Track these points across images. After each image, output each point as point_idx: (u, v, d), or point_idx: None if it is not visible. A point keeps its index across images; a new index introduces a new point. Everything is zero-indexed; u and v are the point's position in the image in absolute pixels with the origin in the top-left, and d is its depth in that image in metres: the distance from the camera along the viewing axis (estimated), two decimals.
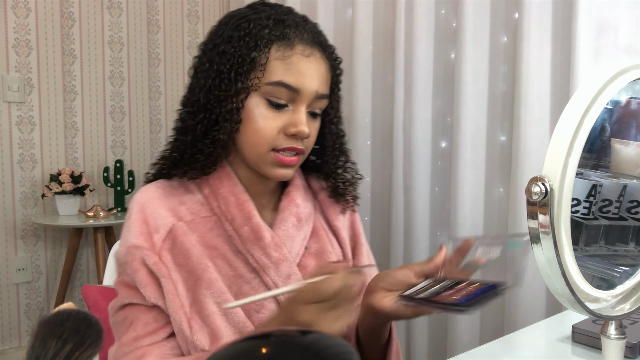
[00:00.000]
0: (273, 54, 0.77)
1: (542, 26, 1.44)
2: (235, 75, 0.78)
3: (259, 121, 0.78)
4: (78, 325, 0.35)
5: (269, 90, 0.77)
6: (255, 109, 0.78)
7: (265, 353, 0.29)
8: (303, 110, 0.79)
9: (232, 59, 0.78)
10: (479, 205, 1.64)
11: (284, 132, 0.78)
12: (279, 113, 0.78)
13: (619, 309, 0.56)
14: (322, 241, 0.87)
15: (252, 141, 0.79)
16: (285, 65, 0.77)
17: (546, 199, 0.46)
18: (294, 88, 0.77)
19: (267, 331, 0.32)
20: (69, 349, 0.33)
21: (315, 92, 0.79)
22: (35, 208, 2.49)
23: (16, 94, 2.40)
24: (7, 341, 2.44)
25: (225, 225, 0.81)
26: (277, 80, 0.77)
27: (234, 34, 0.79)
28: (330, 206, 0.92)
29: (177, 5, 2.82)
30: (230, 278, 0.79)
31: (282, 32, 0.78)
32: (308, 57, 0.79)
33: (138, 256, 0.76)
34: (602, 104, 0.48)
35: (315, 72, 0.79)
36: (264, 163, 0.80)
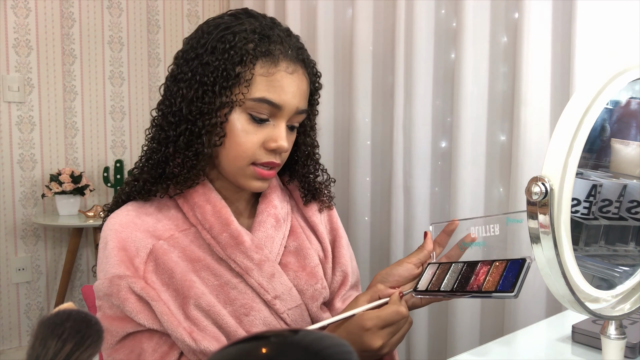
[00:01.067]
0: (258, 69, 0.78)
1: (542, 26, 1.44)
2: (220, 89, 0.78)
3: (240, 135, 0.79)
4: (78, 325, 0.35)
5: (252, 105, 0.78)
6: (237, 123, 0.79)
7: (265, 353, 0.29)
8: (283, 125, 0.81)
9: (216, 72, 0.78)
10: (479, 205, 1.64)
11: (264, 146, 0.80)
12: (260, 127, 0.80)
13: (619, 309, 0.56)
14: (300, 239, 0.89)
15: (233, 155, 0.80)
16: (269, 82, 0.78)
17: (546, 199, 0.46)
18: (277, 104, 0.79)
19: (267, 331, 0.32)
20: (69, 349, 0.33)
21: (295, 108, 0.81)
22: (35, 208, 2.49)
23: (16, 94, 2.40)
24: (7, 341, 2.44)
25: (203, 234, 0.81)
26: (261, 97, 0.78)
27: (218, 46, 0.79)
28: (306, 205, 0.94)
29: (177, 5, 2.82)
30: (216, 287, 0.79)
31: (267, 49, 0.79)
32: (291, 75, 0.80)
33: (124, 285, 0.75)
34: (602, 104, 0.48)
35: (297, 88, 0.80)
36: (243, 176, 0.81)
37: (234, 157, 0.80)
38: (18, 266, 2.45)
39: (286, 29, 0.85)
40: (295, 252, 0.87)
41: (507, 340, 0.83)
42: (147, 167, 0.83)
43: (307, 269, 0.86)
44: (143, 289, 0.75)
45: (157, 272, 0.78)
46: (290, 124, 0.83)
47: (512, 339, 0.83)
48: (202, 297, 0.76)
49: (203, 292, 0.77)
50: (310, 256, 0.88)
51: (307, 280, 0.85)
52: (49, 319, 0.35)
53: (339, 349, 0.31)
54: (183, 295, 0.77)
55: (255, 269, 0.80)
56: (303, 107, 0.83)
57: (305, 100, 0.83)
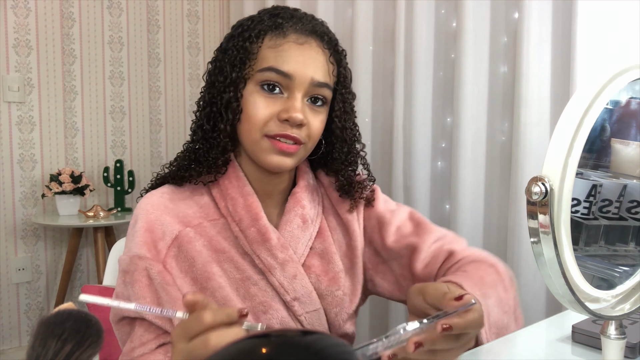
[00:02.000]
0: (266, 43, 0.79)
1: (542, 26, 1.44)
2: (231, 66, 0.80)
3: (251, 107, 0.79)
4: (78, 325, 0.35)
5: (261, 76, 0.78)
6: (249, 96, 0.79)
7: (265, 353, 0.29)
8: (298, 97, 0.78)
9: (230, 52, 0.81)
10: (479, 205, 1.64)
11: (278, 117, 0.78)
12: (273, 100, 0.79)
13: (619, 309, 0.56)
14: (327, 242, 0.87)
15: (247, 128, 0.80)
16: (277, 53, 0.78)
17: (546, 199, 0.46)
18: (285, 73, 0.77)
19: (267, 331, 0.32)
20: (69, 349, 0.33)
21: (310, 78, 0.79)
22: (35, 208, 2.49)
23: (16, 94, 2.40)
24: (7, 341, 2.44)
25: (232, 226, 0.81)
26: (268, 66, 0.78)
27: (235, 32, 0.83)
28: (340, 200, 0.91)
29: (177, 5, 2.82)
30: (237, 281, 0.79)
31: (275, 22, 0.80)
32: (302, 45, 0.79)
33: (141, 267, 0.76)
34: (602, 104, 0.48)
35: (309, 58, 0.79)
36: (260, 150, 0.80)
37: (247, 131, 0.80)
38: (18, 266, 2.45)
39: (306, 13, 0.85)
40: (321, 255, 0.86)
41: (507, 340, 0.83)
42: (182, 153, 0.85)
43: (330, 273, 0.85)
44: (159, 273, 0.75)
45: (177, 259, 0.78)
46: (312, 95, 0.81)
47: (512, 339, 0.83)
48: (218, 290, 0.77)
49: (220, 286, 0.77)
50: (335, 261, 0.86)
51: (327, 286, 0.84)
52: (49, 319, 0.35)
53: (339, 349, 0.31)
54: (200, 286, 0.77)
55: (278, 268, 0.80)
56: (320, 79, 0.80)
57: (323, 73, 0.81)
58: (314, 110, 0.81)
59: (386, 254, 0.91)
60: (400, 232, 0.90)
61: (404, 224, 0.91)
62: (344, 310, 0.86)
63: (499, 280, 0.82)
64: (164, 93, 2.81)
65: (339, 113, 0.86)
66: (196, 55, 2.90)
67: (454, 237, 0.91)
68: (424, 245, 0.87)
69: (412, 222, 0.92)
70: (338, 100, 0.86)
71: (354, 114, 0.90)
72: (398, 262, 0.90)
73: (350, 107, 0.88)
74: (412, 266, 0.87)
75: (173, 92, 2.84)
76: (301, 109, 0.78)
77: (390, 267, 0.91)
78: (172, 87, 2.83)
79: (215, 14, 2.94)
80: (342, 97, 0.86)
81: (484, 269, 0.82)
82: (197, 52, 2.90)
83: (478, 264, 0.83)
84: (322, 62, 0.81)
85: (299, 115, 0.77)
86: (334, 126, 0.86)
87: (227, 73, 0.80)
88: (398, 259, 0.90)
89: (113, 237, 2.44)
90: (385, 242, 0.89)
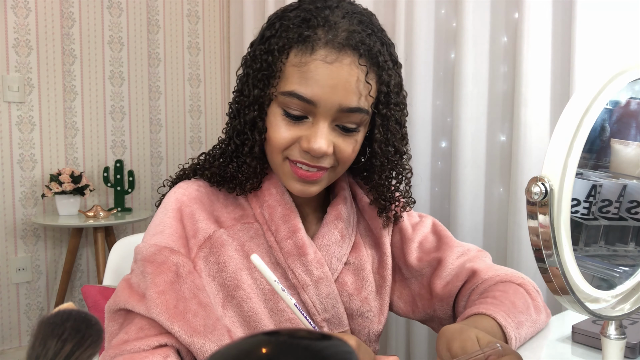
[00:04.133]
0: (291, 59, 0.69)
1: (542, 26, 1.44)
2: (254, 81, 0.72)
3: (273, 130, 0.72)
4: (78, 325, 0.35)
5: (284, 100, 0.70)
6: (272, 117, 0.72)
7: (265, 353, 0.29)
8: (323, 125, 0.70)
9: (255, 64, 0.73)
10: (479, 205, 1.64)
11: (299, 145, 0.72)
12: (297, 124, 0.71)
13: (619, 309, 0.56)
14: (362, 257, 0.83)
15: (269, 150, 0.74)
16: (301, 74, 0.68)
17: (546, 199, 0.46)
18: (308, 100, 0.68)
19: (267, 331, 0.32)
20: (69, 349, 0.33)
21: (337, 105, 0.69)
22: (35, 208, 2.49)
23: (16, 94, 2.40)
24: (7, 341, 2.44)
25: (267, 235, 0.76)
26: (290, 91, 0.69)
27: (265, 34, 0.73)
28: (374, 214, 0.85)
29: (177, 5, 2.82)
30: (267, 293, 0.74)
31: (303, 35, 0.68)
32: (330, 64, 0.68)
33: (172, 261, 0.69)
34: (602, 104, 0.48)
35: (338, 81, 0.68)
36: (282, 174, 0.74)
37: (270, 152, 0.74)
38: (18, 266, 2.45)
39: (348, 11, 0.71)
40: (355, 271, 0.81)
41: None
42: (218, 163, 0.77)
43: (363, 293, 0.81)
44: (190, 274, 0.69)
45: (207, 261, 0.72)
46: (340, 124, 0.71)
47: None
48: (246, 301, 0.72)
49: (249, 297, 0.72)
50: (368, 279, 0.82)
51: (359, 306, 0.80)
52: (49, 319, 0.35)
53: (339, 348, 0.31)
54: (227, 293, 0.72)
55: (312, 286, 0.75)
56: (351, 105, 0.69)
57: (355, 96, 0.69)
58: (344, 136, 0.72)
59: (407, 272, 0.87)
60: (423, 248, 0.87)
61: (426, 238, 0.88)
62: (372, 332, 0.83)
63: (530, 301, 0.79)
64: (164, 93, 2.81)
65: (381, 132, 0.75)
66: (196, 55, 2.90)
67: (477, 253, 0.87)
68: (446, 261, 0.83)
69: (435, 235, 0.89)
70: (378, 120, 0.75)
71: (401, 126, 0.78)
72: (419, 281, 0.87)
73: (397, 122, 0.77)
74: (432, 284, 0.84)
75: (173, 92, 2.84)
76: (326, 137, 0.70)
77: (408, 285, 0.88)
78: (172, 87, 2.83)
79: (215, 14, 2.94)
80: (383, 116, 0.75)
81: (513, 291, 0.78)
82: (197, 52, 2.90)
83: (506, 285, 0.79)
84: (353, 85, 0.69)
85: (322, 147, 0.69)
86: (376, 144, 0.77)
87: (251, 89, 0.73)
88: (419, 278, 0.87)
89: (113, 237, 2.44)
90: (407, 260, 0.86)
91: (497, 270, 0.83)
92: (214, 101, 2.96)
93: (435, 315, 0.87)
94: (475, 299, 0.79)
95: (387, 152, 0.77)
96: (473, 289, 0.81)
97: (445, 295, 0.83)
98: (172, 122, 2.84)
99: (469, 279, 0.82)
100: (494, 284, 0.80)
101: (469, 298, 0.82)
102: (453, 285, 0.83)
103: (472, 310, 0.73)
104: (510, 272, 0.83)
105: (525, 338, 0.75)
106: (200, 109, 2.92)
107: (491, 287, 0.79)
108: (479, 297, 0.79)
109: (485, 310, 0.72)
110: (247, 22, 2.51)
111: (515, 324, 0.72)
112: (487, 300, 0.75)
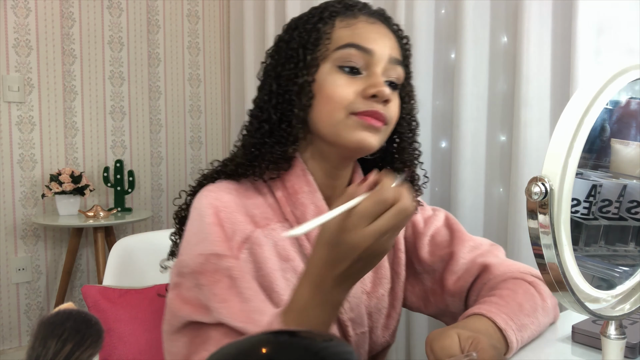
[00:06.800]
0: (338, 24, 0.75)
1: (542, 26, 1.44)
2: (303, 50, 0.75)
3: (331, 88, 0.73)
4: (78, 325, 0.35)
5: (339, 55, 0.74)
6: (327, 77, 0.74)
7: (265, 353, 0.29)
8: (379, 72, 0.73)
9: (299, 38, 0.76)
10: (479, 205, 1.64)
11: (362, 95, 0.72)
12: (353, 79, 0.73)
13: (619, 309, 0.56)
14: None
15: (327, 109, 0.73)
16: (352, 30, 0.75)
17: (546, 199, 0.46)
18: (365, 48, 0.73)
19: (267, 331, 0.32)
20: (69, 349, 0.33)
21: (388, 55, 0.75)
22: (35, 208, 2.49)
23: (16, 94, 2.40)
24: (7, 341, 2.44)
25: None
26: (347, 42, 0.73)
27: (299, 23, 0.78)
28: None
29: (177, 5, 2.82)
30: None
31: (344, 6, 0.77)
32: (373, 24, 0.76)
33: (222, 266, 0.67)
34: (602, 104, 0.48)
35: (383, 35, 0.76)
36: (344, 128, 0.73)
37: (329, 112, 0.73)
38: (18, 266, 2.45)
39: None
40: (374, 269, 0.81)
41: None
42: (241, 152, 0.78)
43: (380, 290, 0.81)
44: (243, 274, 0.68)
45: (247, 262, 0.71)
46: (387, 78, 0.75)
47: None
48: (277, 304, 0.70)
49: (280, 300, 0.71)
50: (385, 276, 0.82)
51: (375, 303, 0.81)
52: (49, 319, 0.35)
53: (339, 348, 0.31)
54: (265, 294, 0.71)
55: None
56: (398, 56, 0.77)
57: (397, 51, 0.77)
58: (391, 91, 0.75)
59: (419, 267, 0.87)
60: (435, 241, 0.87)
61: (439, 232, 0.88)
62: (387, 330, 0.84)
63: (540, 302, 0.78)
64: (164, 93, 2.81)
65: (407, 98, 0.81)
66: (196, 55, 2.90)
67: (490, 247, 0.87)
68: (457, 256, 0.84)
69: (448, 229, 0.88)
70: (405, 84, 0.80)
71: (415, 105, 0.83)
72: (431, 276, 0.87)
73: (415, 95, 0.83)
74: (444, 279, 0.84)
75: (173, 92, 2.84)
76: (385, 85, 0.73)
77: (421, 280, 0.88)
78: (172, 87, 2.83)
79: (215, 14, 2.94)
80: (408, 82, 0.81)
81: (523, 291, 0.77)
82: (197, 52, 2.90)
83: (516, 284, 0.78)
84: (393, 42, 0.77)
85: (387, 89, 0.72)
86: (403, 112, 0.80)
87: (300, 56, 0.75)
88: (431, 273, 0.86)
89: (113, 237, 2.44)
90: (419, 254, 0.86)
91: (510, 265, 0.82)
92: (214, 101, 2.96)
93: (447, 310, 0.86)
94: (485, 294, 0.79)
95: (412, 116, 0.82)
96: (485, 283, 0.81)
97: (457, 291, 0.83)
98: (172, 122, 2.84)
99: (480, 274, 0.82)
100: (504, 281, 0.79)
101: (479, 294, 0.81)
102: (464, 280, 0.83)
103: (473, 309, 0.73)
104: (524, 269, 0.82)
105: (527, 340, 0.75)
106: (200, 109, 2.92)
107: (501, 284, 0.79)
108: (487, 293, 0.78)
109: (486, 312, 0.71)
110: (247, 22, 2.51)
111: (518, 326, 0.72)
112: (491, 300, 0.74)
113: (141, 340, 1.00)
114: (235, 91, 2.75)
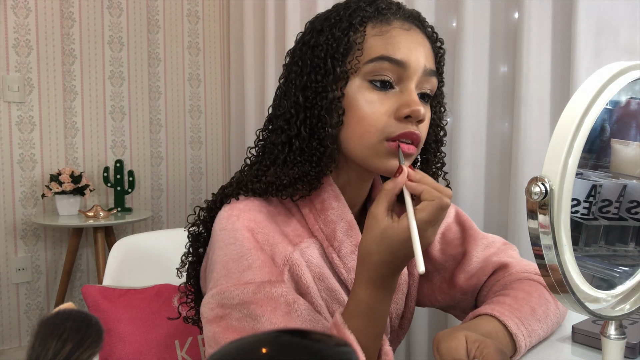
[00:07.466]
0: (369, 31, 0.69)
1: (542, 26, 1.44)
2: (332, 60, 0.69)
3: (363, 107, 0.68)
4: (78, 325, 0.35)
5: (371, 69, 0.68)
6: (357, 94, 0.68)
7: (265, 353, 0.29)
8: (413, 88, 0.68)
9: (326, 46, 0.70)
10: (479, 205, 1.64)
11: (395, 116, 0.68)
12: (386, 95, 0.68)
13: (619, 309, 0.56)
14: None
15: (359, 132, 0.68)
16: (385, 40, 0.68)
17: (546, 199, 0.46)
18: (399, 61, 0.67)
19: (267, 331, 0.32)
20: (69, 349, 0.33)
21: (423, 66, 0.69)
22: (35, 208, 2.49)
23: (16, 94, 2.40)
24: (7, 341, 2.44)
25: (328, 251, 0.72)
26: (379, 55, 0.68)
27: (325, 25, 0.72)
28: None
29: (177, 5, 2.82)
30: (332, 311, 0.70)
31: (376, 9, 0.70)
32: (408, 31, 0.70)
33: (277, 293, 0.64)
34: (602, 104, 0.48)
35: (418, 44, 0.70)
36: (374, 155, 0.69)
37: (361, 135, 0.68)
38: (18, 266, 2.45)
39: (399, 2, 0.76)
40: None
41: None
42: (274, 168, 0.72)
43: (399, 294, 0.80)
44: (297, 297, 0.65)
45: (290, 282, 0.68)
46: (420, 90, 0.70)
47: None
48: None
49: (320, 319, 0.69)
50: (402, 281, 0.81)
51: (396, 309, 0.80)
52: (49, 319, 0.34)
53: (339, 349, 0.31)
54: None
55: None
56: (432, 66, 0.71)
57: (432, 61, 0.72)
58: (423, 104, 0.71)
59: (430, 265, 0.86)
60: (446, 239, 0.85)
61: (450, 229, 0.86)
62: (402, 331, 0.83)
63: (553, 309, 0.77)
64: (164, 93, 2.81)
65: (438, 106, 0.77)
66: (196, 55, 2.90)
67: (503, 246, 0.86)
68: (470, 255, 0.82)
69: (459, 226, 0.86)
70: (437, 93, 0.76)
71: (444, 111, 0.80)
72: (441, 275, 0.86)
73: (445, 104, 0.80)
74: (455, 277, 0.83)
75: (173, 92, 2.84)
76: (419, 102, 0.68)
77: (430, 279, 0.87)
78: (172, 87, 2.83)
79: (215, 14, 2.94)
80: (440, 91, 0.77)
81: (538, 295, 0.75)
82: (197, 52, 2.90)
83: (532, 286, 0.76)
84: (428, 48, 0.72)
85: (421, 108, 0.67)
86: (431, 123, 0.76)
87: (329, 68, 0.69)
88: (442, 272, 0.85)
89: (113, 237, 2.44)
90: (430, 252, 0.84)
91: (526, 265, 0.81)
92: (214, 101, 2.96)
93: (457, 305, 0.86)
94: (497, 290, 0.78)
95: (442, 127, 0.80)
96: (498, 280, 0.80)
97: (470, 289, 0.82)
98: (172, 122, 2.84)
99: (495, 271, 0.81)
100: (519, 281, 0.78)
101: (491, 289, 0.80)
102: (478, 279, 0.82)
103: (484, 309, 0.72)
104: None
105: (533, 344, 0.74)
106: (200, 109, 2.92)
107: (516, 283, 0.77)
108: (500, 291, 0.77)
109: (498, 315, 0.70)
110: (247, 22, 2.51)
111: (528, 332, 0.71)
112: (505, 301, 0.73)
113: (141, 340, 1.00)
114: (235, 91, 2.75)
